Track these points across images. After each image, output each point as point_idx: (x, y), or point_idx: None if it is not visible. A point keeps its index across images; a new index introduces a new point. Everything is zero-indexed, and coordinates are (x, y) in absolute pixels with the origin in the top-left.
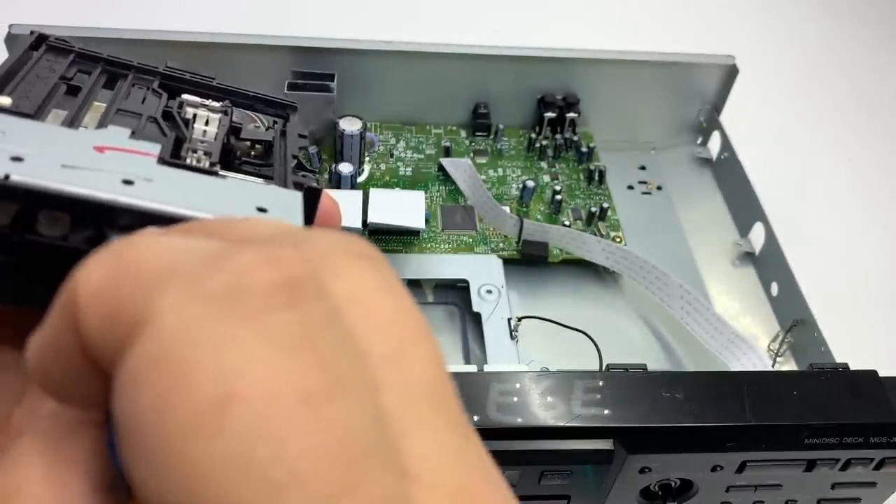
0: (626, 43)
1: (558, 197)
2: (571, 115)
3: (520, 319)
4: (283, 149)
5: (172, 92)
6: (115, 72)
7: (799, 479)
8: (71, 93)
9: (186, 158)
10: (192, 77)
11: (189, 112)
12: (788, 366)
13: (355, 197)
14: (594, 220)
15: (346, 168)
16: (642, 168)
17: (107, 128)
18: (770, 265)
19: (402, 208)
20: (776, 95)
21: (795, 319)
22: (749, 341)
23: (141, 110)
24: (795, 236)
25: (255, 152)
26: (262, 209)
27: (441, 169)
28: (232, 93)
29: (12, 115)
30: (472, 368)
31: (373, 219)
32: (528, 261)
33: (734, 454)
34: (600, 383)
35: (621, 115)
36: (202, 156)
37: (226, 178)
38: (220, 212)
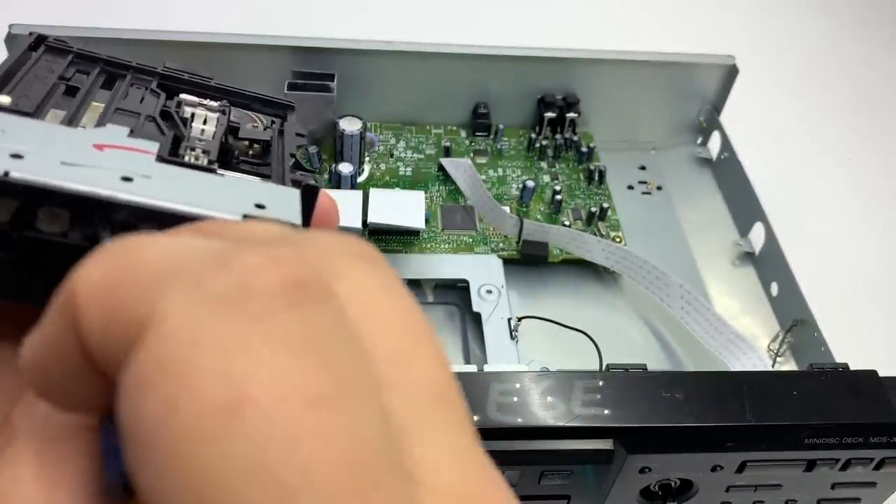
0: (626, 43)
1: (558, 197)
2: (571, 115)
3: (520, 319)
4: (281, 148)
5: (170, 92)
6: (114, 72)
7: (799, 479)
8: (69, 93)
9: (185, 156)
10: (190, 77)
11: (187, 111)
12: (788, 366)
13: (355, 197)
14: (594, 220)
15: (346, 168)
16: (642, 168)
17: (105, 126)
18: (770, 265)
19: (402, 208)
20: (776, 95)
21: (795, 319)
22: (749, 341)
23: (139, 109)
24: (795, 236)
25: (252, 152)
26: (260, 205)
27: (441, 169)
28: (230, 92)
29: (11, 114)
30: (472, 368)
31: (373, 219)
32: (528, 261)
33: (734, 454)
34: (600, 383)
35: (621, 115)
36: (200, 154)
37: (224, 176)
38: (219, 208)
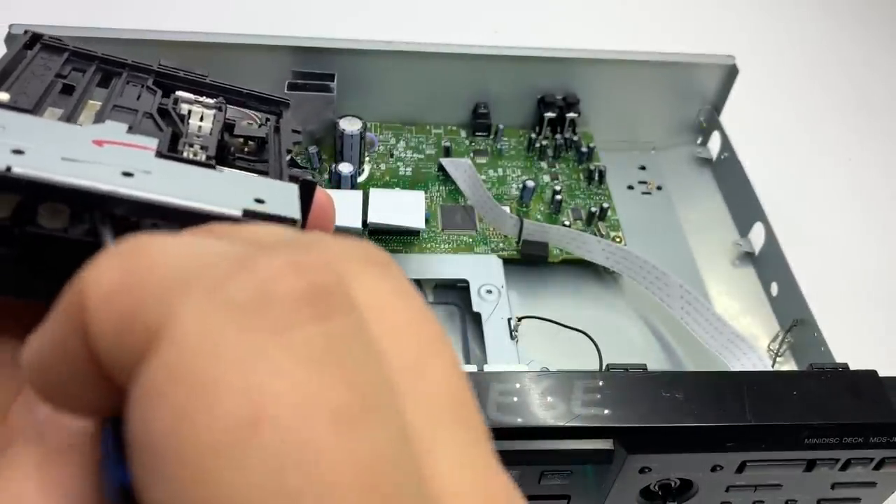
0: (626, 43)
1: (558, 197)
2: (571, 115)
3: (520, 319)
4: (278, 144)
5: (166, 89)
6: (110, 70)
7: (799, 479)
8: (66, 91)
9: (183, 152)
10: (185, 75)
11: (184, 108)
12: (788, 366)
13: (355, 197)
14: (594, 220)
15: (346, 168)
16: (642, 168)
17: (104, 123)
18: (770, 265)
19: (402, 208)
20: (776, 95)
21: (795, 319)
22: (749, 341)
23: (136, 107)
24: (795, 236)
25: (248, 149)
26: (259, 200)
27: (441, 169)
28: (225, 90)
29: (10, 111)
30: (472, 368)
31: (373, 219)
32: (528, 261)
33: (734, 454)
34: (600, 383)
35: (621, 115)
36: (199, 150)
37: (223, 171)
38: (219, 202)
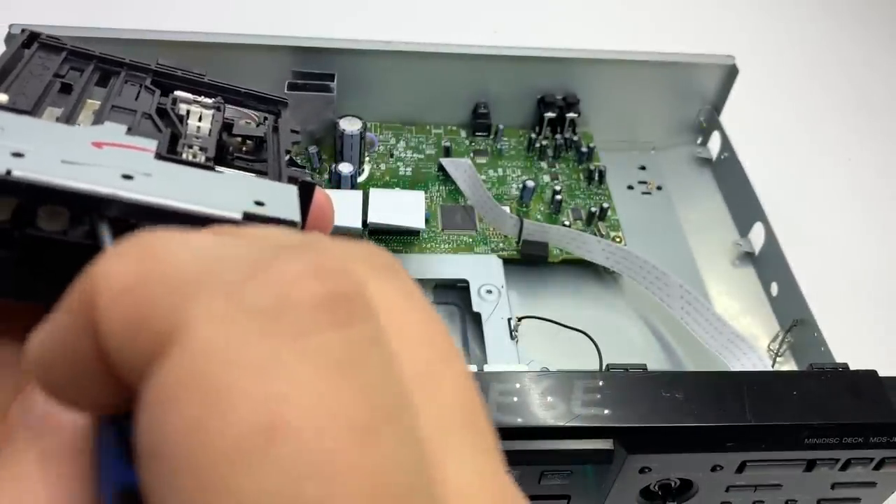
0: (625, 43)
1: (558, 197)
2: (571, 115)
3: (520, 319)
4: (277, 144)
5: (164, 89)
6: (108, 69)
7: (799, 479)
8: (64, 91)
9: (183, 154)
10: (183, 74)
11: (182, 108)
12: (788, 366)
13: (355, 197)
14: (594, 220)
15: (346, 168)
16: (642, 168)
17: (103, 124)
18: (770, 265)
19: (402, 208)
20: (776, 95)
21: (795, 319)
22: (749, 341)
23: (135, 107)
24: (795, 236)
25: (246, 148)
26: (259, 202)
27: (441, 169)
28: (223, 89)
29: (10, 112)
30: (473, 368)
31: (373, 219)
32: (528, 261)
33: (734, 454)
34: (600, 383)
35: (621, 115)
36: (198, 151)
37: (222, 173)
38: (220, 205)
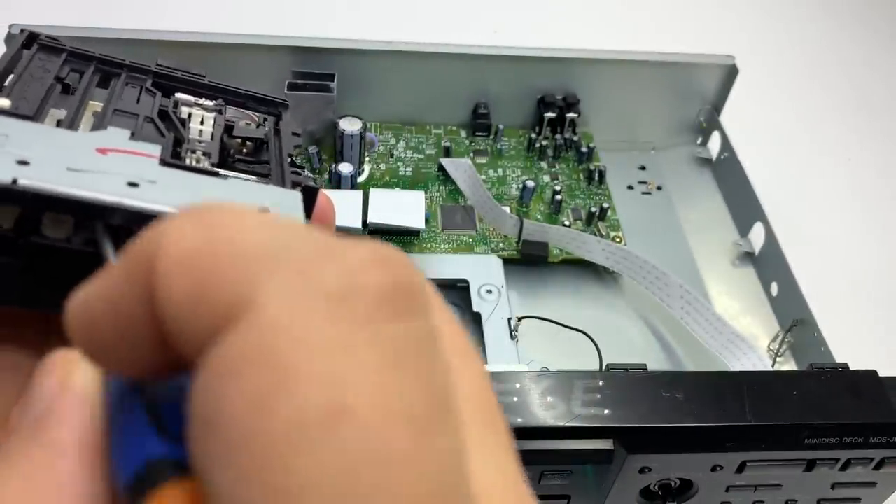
0: (625, 43)
1: (558, 197)
2: (571, 115)
3: (520, 319)
4: (279, 148)
5: (165, 90)
6: (108, 70)
7: (799, 479)
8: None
9: (186, 159)
10: (183, 76)
11: (184, 111)
12: (788, 366)
13: (355, 197)
14: (594, 220)
15: (346, 168)
16: (642, 168)
17: (107, 129)
18: (770, 265)
19: (402, 208)
20: (776, 95)
21: (795, 319)
22: (749, 341)
23: (137, 110)
24: (795, 236)
25: (246, 149)
26: (264, 209)
27: (441, 169)
28: (223, 90)
29: (13, 118)
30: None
31: (373, 219)
32: (528, 261)
33: (734, 454)
34: (600, 383)
35: (621, 115)
36: (201, 156)
37: (227, 179)
38: None
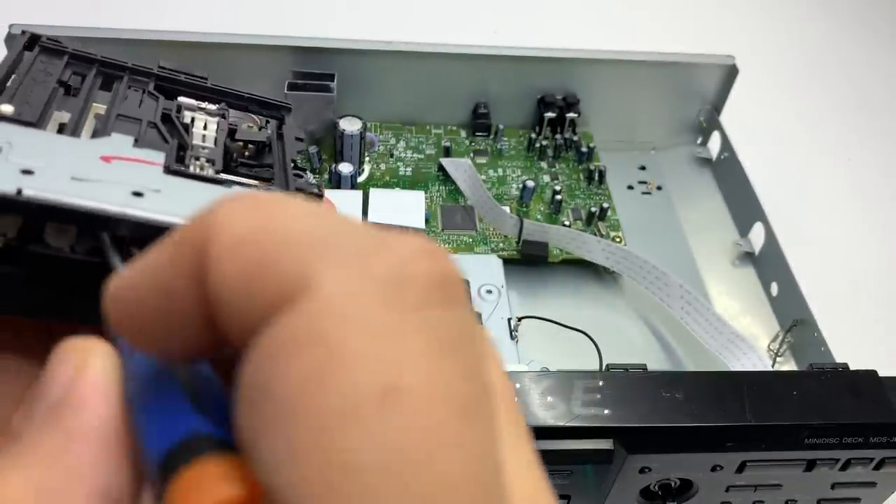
0: (625, 43)
1: (558, 197)
2: (571, 115)
3: (520, 319)
4: (282, 152)
5: (168, 93)
6: (111, 73)
7: (799, 479)
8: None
9: (190, 166)
10: (186, 78)
11: (187, 116)
12: (788, 366)
13: (355, 197)
14: (594, 220)
15: (346, 168)
16: (642, 168)
17: (110, 136)
18: (770, 265)
19: (402, 208)
20: (776, 95)
21: (795, 319)
22: (749, 341)
23: (140, 115)
24: (795, 236)
25: (248, 152)
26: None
27: (441, 169)
28: (226, 94)
29: (16, 124)
30: None
31: (373, 219)
32: (528, 261)
33: (734, 454)
34: (600, 383)
35: (621, 115)
36: (205, 163)
37: (231, 187)
38: None
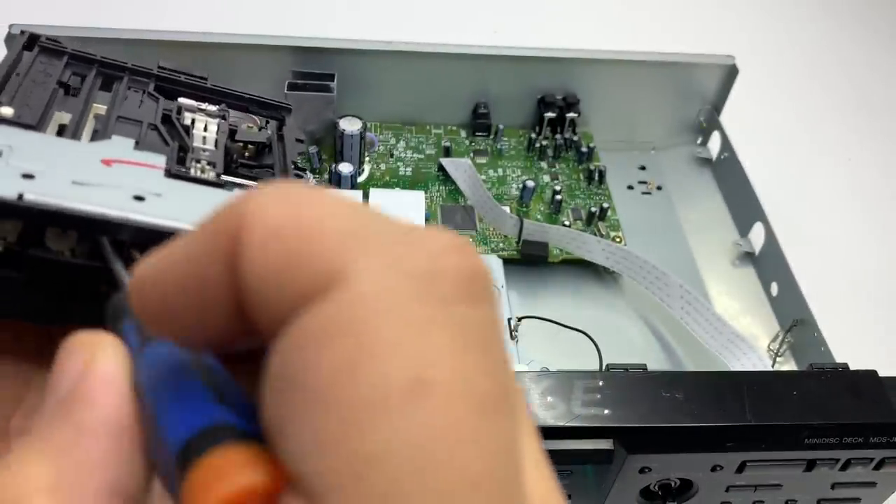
0: (625, 43)
1: (558, 197)
2: (571, 115)
3: (520, 319)
4: (283, 154)
5: (168, 94)
6: (110, 74)
7: (799, 479)
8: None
9: (191, 169)
10: (186, 79)
11: (187, 117)
12: (788, 366)
13: (355, 197)
14: (594, 220)
15: (346, 168)
16: (642, 168)
17: (111, 138)
18: (770, 265)
19: (402, 208)
20: (776, 95)
21: (795, 319)
22: (749, 341)
23: (140, 116)
24: (795, 236)
25: (248, 153)
26: None
27: (441, 169)
28: (226, 94)
29: (16, 127)
30: None
31: None
32: (528, 261)
33: (734, 454)
34: (600, 383)
35: (621, 115)
36: (206, 166)
37: (232, 190)
38: None
